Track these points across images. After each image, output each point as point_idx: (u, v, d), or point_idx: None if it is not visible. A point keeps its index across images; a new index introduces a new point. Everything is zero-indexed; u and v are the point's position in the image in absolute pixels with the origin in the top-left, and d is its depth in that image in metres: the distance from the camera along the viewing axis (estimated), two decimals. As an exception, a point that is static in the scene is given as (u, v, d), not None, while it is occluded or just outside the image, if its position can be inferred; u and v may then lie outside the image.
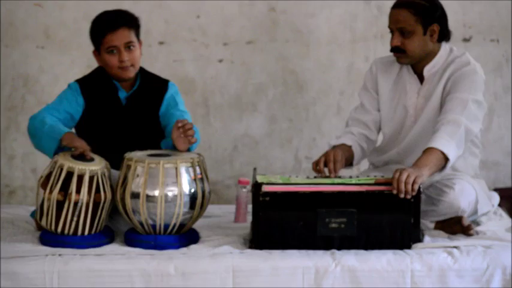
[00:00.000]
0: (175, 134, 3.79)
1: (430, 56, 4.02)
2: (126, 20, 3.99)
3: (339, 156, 3.92)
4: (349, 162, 4.07)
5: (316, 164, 3.92)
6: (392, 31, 3.99)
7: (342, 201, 3.66)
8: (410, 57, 3.99)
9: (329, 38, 5.17)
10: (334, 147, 4.03)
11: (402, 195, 3.60)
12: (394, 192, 3.60)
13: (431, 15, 3.95)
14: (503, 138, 5.24)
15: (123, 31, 3.95)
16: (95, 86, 4.04)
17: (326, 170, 3.90)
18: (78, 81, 4.07)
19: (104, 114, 4.03)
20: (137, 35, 4.02)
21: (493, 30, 5.18)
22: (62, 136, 3.77)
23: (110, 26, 3.96)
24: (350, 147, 4.06)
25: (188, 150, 3.85)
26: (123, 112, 4.05)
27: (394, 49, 4.00)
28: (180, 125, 3.77)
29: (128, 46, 3.96)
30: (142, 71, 4.10)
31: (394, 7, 4.00)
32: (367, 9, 5.16)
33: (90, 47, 4.05)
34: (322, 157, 3.93)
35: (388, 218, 3.66)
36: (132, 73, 3.99)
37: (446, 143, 3.77)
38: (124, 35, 3.95)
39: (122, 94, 4.05)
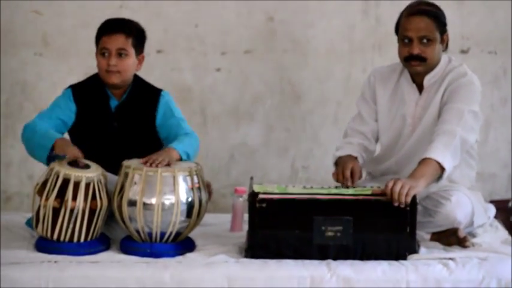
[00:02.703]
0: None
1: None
2: (125, 27, 4.01)
3: (357, 168, 3.96)
4: None
5: (337, 175, 3.94)
6: (409, 39, 3.96)
7: (339, 209, 3.67)
8: (428, 65, 3.98)
9: (327, 48, 5.19)
10: (342, 158, 4.04)
11: (396, 205, 3.62)
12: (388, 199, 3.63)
13: (444, 24, 3.99)
14: (500, 150, 5.26)
15: (118, 36, 3.98)
16: (87, 93, 4.06)
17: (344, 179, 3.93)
18: (72, 86, 4.10)
19: (94, 121, 4.04)
20: (136, 46, 4.03)
21: (490, 42, 5.21)
22: (53, 143, 3.79)
23: (107, 29, 4.01)
24: (356, 158, 4.06)
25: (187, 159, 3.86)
26: (113, 120, 4.06)
27: (413, 57, 3.96)
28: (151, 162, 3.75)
29: (120, 53, 3.98)
30: (136, 79, 4.11)
31: (414, 14, 3.97)
32: (365, 20, 5.18)
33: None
34: (340, 169, 3.95)
35: (384, 228, 3.67)
36: (116, 79, 4.00)
37: (441, 153, 3.78)
38: (118, 40, 3.98)
39: (113, 103, 4.07)
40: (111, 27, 4.01)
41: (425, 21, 3.94)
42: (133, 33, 4.03)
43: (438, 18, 3.95)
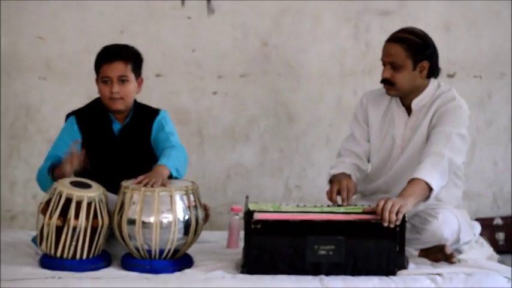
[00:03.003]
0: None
1: (418, 90, 4.05)
2: (124, 55, 4.03)
3: (352, 185, 3.98)
4: None
5: (331, 193, 3.96)
6: (384, 64, 4.03)
7: (331, 229, 3.69)
8: (398, 90, 4.03)
9: (319, 72, 5.21)
10: (336, 176, 4.07)
11: (386, 224, 3.65)
12: (379, 218, 3.65)
13: (422, 53, 3.99)
14: (485, 171, 5.29)
15: (118, 64, 4.00)
16: (90, 118, 4.08)
17: (339, 198, 3.95)
18: (75, 113, 4.11)
19: (98, 145, 4.06)
20: (135, 70, 4.05)
21: (476, 67, 5.24)
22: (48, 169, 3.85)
23: (106, 58, 4.01)
24: (349, 176, 4.09)
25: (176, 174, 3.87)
26: (116, 143, 4.08)
27: (384, 81, 4.03)
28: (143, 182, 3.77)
29: (121, 79, 4.00)
30: (136, 103, 4.14)
31: (388, 41, 4.04)
32: (356, 46, 5.21)
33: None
34: (335, 186, 3.97)
35: (374, 245, 3.69)
36: (120, 105, 4.03)
37: (430, 173, 3.81)
38: (118, 68, 4.00)
39: (116, 126, 4.09)
40: (110, 56, 4.01)
41: (396, 49, 3.98)
42: (132, 58, 4.05)
43: (412, 47, 3.97)
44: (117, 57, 4.01)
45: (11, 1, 5.04)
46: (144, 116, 4.13)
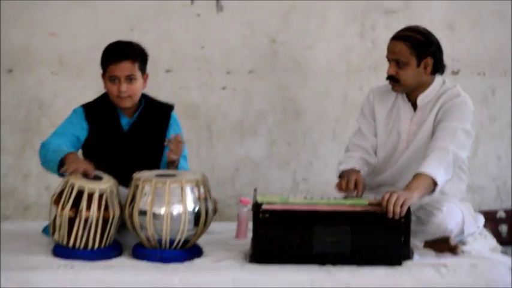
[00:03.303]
0: (171, 153, 3.94)
1: (423, 86, 4.06)
2: (130, 54, 4.01)
3: (361, 179, 3.98)
4: None
5: (340, 184, 3.96)
6: (389, 61, 4.05)
7: (337, 220, 3.69)
8: (403, 86, 4.04)
9: (326, 68, 5.23)
10: (346, 172, 4.07)
11: (391, 216, 3.65)
12: (384, 210, 3.65)
13: (425, 49, 4.00)
14: (488, 165, 5.30)
15: (125, 64, 3.99)
16: (98, 112, 4.09)
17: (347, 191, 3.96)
18: (84, 106, 4.12)
19: (106, 138, 4.07)
20: (142, 67, 4.05)
21: (479, 65, 5.25)
22: (63, 158, 3.82)
23: (113, 58, 4.00)
24: (359, 171, 4.09)
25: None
26: (124, 138, 4.08)
27: (389, 78, 4.05)
28: (178, 141, 3.87)
29: (129, 78, 4.00)
30: (146, 98, 4.14)
31: (392, 39, 4.06)
32: (362, 43, 5.22)
33: (100, 74, 4.10)
34: (344, 179, 3.97)
35: (380, 236, 3.69)
36: (128, 103, 4.03)
37: (435, 168, 3.81)
38: (126, 67, 3.99)
39: (124, 120, 4.10)
40: (117, 56, 3.99)
41: (400, 46, 4.00)
42: (138, 57, 4.04)
43: (416, 44, 3.99)
44: (125, 57, 4.00)
45: (25, 0, 5.07)
46: (156, 110, 4.14)
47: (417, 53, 3.99)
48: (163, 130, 4.12)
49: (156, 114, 4.13)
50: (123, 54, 4.00)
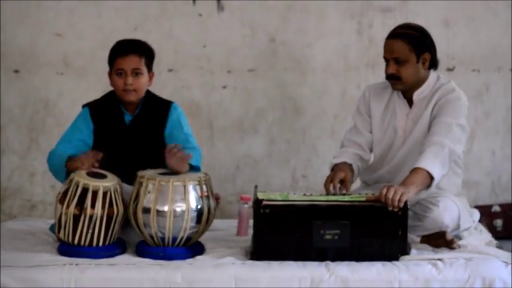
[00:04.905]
0: (170, 161, 3.78)
1: (419, 82, 4.03)
2: (138, 48, 4.01)
3: (348, 176, 3.96)
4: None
5: (326, 182, 3.95)
6: (387, 60, 4.00)
7: (336, 214, 3.68)
8: (404, 84, 4.00)
9: (324, 66, 5.21)
10: (337, 165, 4.05)
11: (390, 208, 3.63)
12: (382, 205, 3.64)
13: (423, 45, 3.97)
14: (483, 160, 5.29)
15: (132, 57, 3.97)
16: (103, 110, 4.06)
17: (331, 187, 3.94)
18: (89, 105, 4.10)
19: (110, 135, 4.04)
20: (148, 64, 4.03)
21: (474, 61, 5.23)
22: (66, 161, 3.83)
23: (121, 51, 3.99)
24: (351, 165, 4.07)
25: (193, 169, 3.86)
26: (127, 134, 4.05)
27: (389, 76, 4.00)
28: (175, 150, 3.76)
29: (135, 72, 3.98)
30: (147, 94, 4.10)
31: (389, 38, 4.01)
32: (359, 41, 5.20)
33: (105, 74, 4.07)
34: (330, 176, 3.96)
35: (378, 231, 3.67)
36: (133, 97, 4.00)
37: (431, 163, 3.79)
38: (133, 61, 3.97)
39: (127, 117, 4.06)
40: (125, 49, 4.00)
41: (398, 44, 3.95)
42: (145, 52, 4.03)
43: (413, 41, 3.95)
44: (132, 51, 3.99)
45: (30, 0, 5.06)
46: (156, 106, 4.10)
47: (415, 49, 3.96)
48: (162, 125, 4.07)
49: (156, 109, 4.09)
50: (130, 48, 4.00)
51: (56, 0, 5.07)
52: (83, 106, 4.11)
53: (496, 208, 5.22)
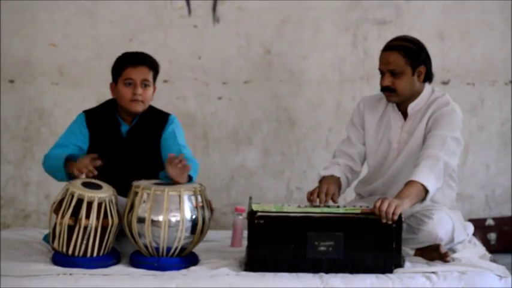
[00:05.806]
0: (171, 172, 3.79)
1: (414, 95, 4.03)
2: (148, 61, 4.04)
3: (332, 190, 3.95)
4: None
5: (310, 194, 3.95)
6: (382, 72, 4.01)
7: (330, 226, 3.68)
8: (399, 96, 4.01)
9: (319, 78, 5.22)
10: (324, 178, 4.05)
11: (384, 221, 3.64)
12: (377, 217, 3.64)
13: (418, 57, 3.97)
14: (477, 173, 5.30)
15: (142, 68, 4.00)
16: (99, 118, 4.07)
17: (318, 200, 3.92)
18: (86, 112, 4.10)
19: (106, 145, 4.04)
20: (154, 77, 4.06)
21: (468, 75, 5.25)
22: (65, 158, 3.84)
23: (132, 61, 4.01)
24: (338, 178, 4.07)
25: (190, 180, 3.88)
26: (123, 144, 4.06)
27: (384, 89, 4.01)
28: (176, 161, 3.77)
29: (144, 83, 4.00)
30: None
31: (385, 50, 4.02)
32: (355, 53, 5.22)
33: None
34: (316, 188, 3.96)
35: (372, 244, 3.68)
36: (140, 108, 4.01)
37: (426, 176, 3.79)
38: (143, 71, 4.00)
39: (124, 128, 4.07)
40: (136, 60, 4.02)
41: (394, 56, 3.96)
42: (154, 66, 4.06)
43: (409, 53, 3.96)
44: (143, 62, 4.02)
45: (26, 11, 5.06)
46: (153, 118, 4.11)
47: (411, 61, 3.96)
48: (158, 136, 4.08)
49: (153, 121, 4.10)
50: (141, 59, 4.03)
51: (51, 11, 5.09)
52: (79, 114, 4.12)
53: (490, 222, 5.23)
